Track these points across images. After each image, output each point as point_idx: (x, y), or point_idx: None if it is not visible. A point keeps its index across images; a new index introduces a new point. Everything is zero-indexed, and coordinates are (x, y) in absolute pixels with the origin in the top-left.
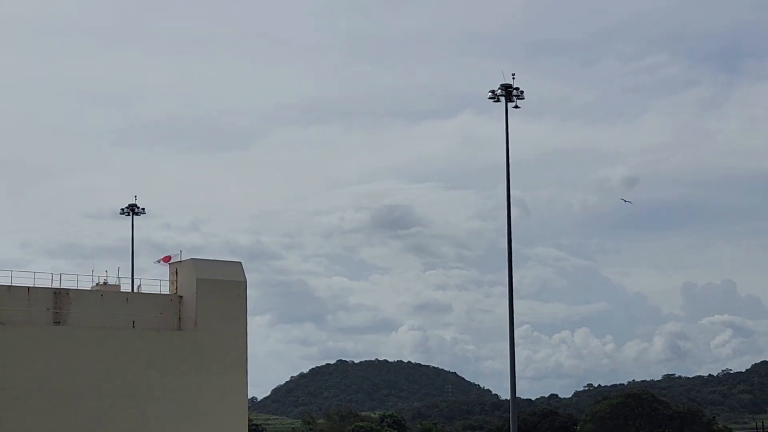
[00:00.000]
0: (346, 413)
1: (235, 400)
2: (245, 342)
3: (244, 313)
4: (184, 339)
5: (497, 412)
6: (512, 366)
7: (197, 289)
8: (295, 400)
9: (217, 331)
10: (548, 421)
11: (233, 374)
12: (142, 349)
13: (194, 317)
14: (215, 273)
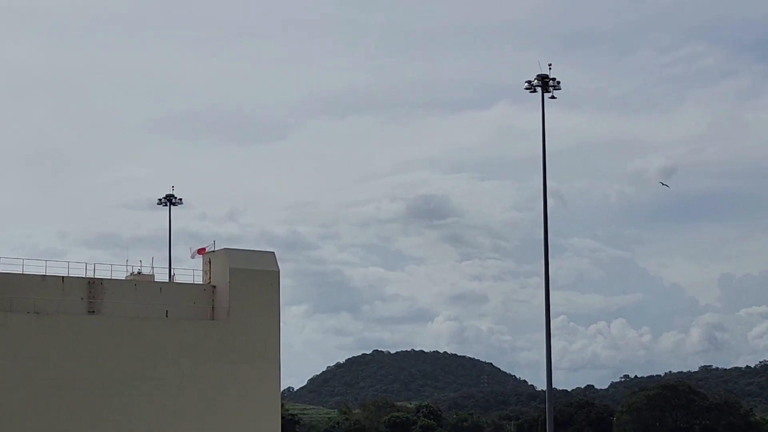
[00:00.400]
0: (382, 403)
1: (268, 389)
2: (278, 332)
3: (277, 303)
4: (217, 329)
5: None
6: (548, 357)
7: (230, 279)
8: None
9: (250, 320)
10: (584, 412)
11: (266, 364)
12: (175, 338)
13: (227, 307)
14: (248, 263)
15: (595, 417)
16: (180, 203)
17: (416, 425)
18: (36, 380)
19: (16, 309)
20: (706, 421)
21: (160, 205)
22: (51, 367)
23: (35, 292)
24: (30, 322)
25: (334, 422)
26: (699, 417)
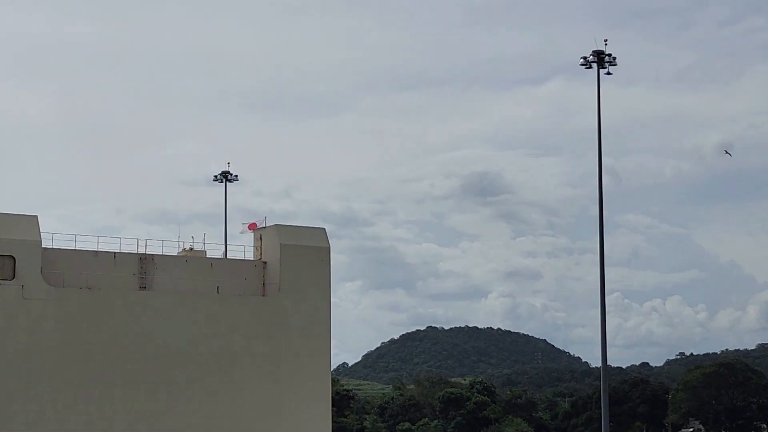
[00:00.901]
0: (436, 379)
1: (319, 365)
2: (329, 307)
3: (328, 279)
4: (267, 305)
5: (587, 379)
6: (603, 334)
7: (281, 255)
8: (385, 365)
9: (301, 296)
10: (639, 389)
11: (317, 340)
12: (226, 314)
13: (278, 283)
14: (299, 239)
15: (650, 394)
16: (236, 179)
17: (470, 401)
18: (89, 355)
19: (68, 284)
20: (762, 400)
21: (216, 182)
22: (103, 341)
23: (88, 268)
24: (82, 297)
25: (388, 398)
26: (755, 395)
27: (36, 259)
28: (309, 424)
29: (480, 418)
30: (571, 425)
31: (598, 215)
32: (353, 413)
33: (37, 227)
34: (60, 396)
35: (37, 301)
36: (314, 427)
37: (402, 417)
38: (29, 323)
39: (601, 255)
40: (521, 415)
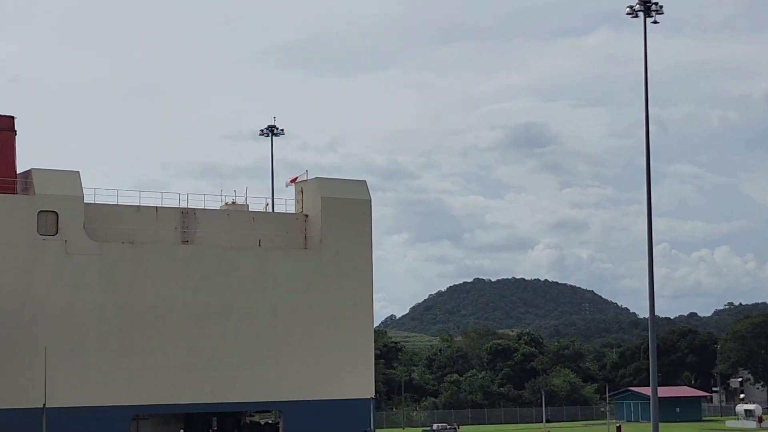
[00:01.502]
0: (484, 331)
1: (361, 317)
2: (370, 260)
3: (369, 231)
4: (309, 258)
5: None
6: (651, 284)
7: (322, 208)
8: (432, 317)
9: (343, 249)
10: (687, 339)
11: (359, 292)
12: (268, 268)
13: (319, 236)
14: (340, 192)
15: (698, 344)
16: (282, 134)
17: (518, 352)
18: (131, 309)
19: (111, 239)
20: None
21: (262, 136)
22: (146, 296)
23: (130, 223)
24: (125, 251)
25: (436, 350)
26: None
27: (78, 214)
28: (352, 378)
29: (528, 369)
30: (619, 376)
31: (645, 166)
32: (401, 365)
33: (79, 183)
34: (104, 350)
35: (80, 256)
36: (357, 381)
37: (450, 368)
38: (73, 278)
39: (648, 205)
40: (569, 365)
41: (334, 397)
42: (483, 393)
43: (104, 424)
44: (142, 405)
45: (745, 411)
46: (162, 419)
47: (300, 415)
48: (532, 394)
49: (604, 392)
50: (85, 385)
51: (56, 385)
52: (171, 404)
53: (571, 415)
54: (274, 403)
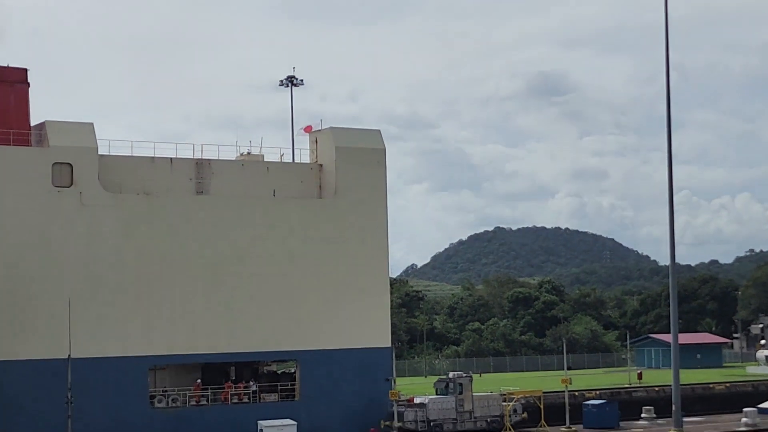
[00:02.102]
0: (505, 279)
1: (377, 267)
2: (385, 209)
3: (384, 181)
4: (324, 207)
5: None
6: (672, 232)
7: (336, 157)
8: (454, 266)
9: (357, 199)
10: (708, 286)
11: (374, 241)
12: (283, 217)
13: (334, 185)
14: (354, 141)
15: (719, 291)
16: (301, 84)
17: (539, 301)
18: (147, 259)
19: (126, 190)
20: None
21: (282, 86)
22: (162, 246)
23: (144, 174)
24: (139, 202)
25: (457, 298)
26: None
27: (93, 165)
28: (368, 327)
29: (549, 317)
30: (640, 323)
31: (666, 113)
32: (423, 314)
33: (93, 134)
34: (120, 301)
35: (95, 207)
36: (373, 330)
37: (471, 317)
38: (88, 229)
39: (669, 153)
40: (590, 313)
41: (350, 346)
42: (504, 341)
43: (121, 375)
44: (159, 355)
45: (766, 357)
46: (179, 369)
47: (316, 364)
48: (553, 342)
49: (625, 339)
50: (102, 335)
51: (73, 336)
52: (188, 354)
53: (592, 362)
54: (290, 352)
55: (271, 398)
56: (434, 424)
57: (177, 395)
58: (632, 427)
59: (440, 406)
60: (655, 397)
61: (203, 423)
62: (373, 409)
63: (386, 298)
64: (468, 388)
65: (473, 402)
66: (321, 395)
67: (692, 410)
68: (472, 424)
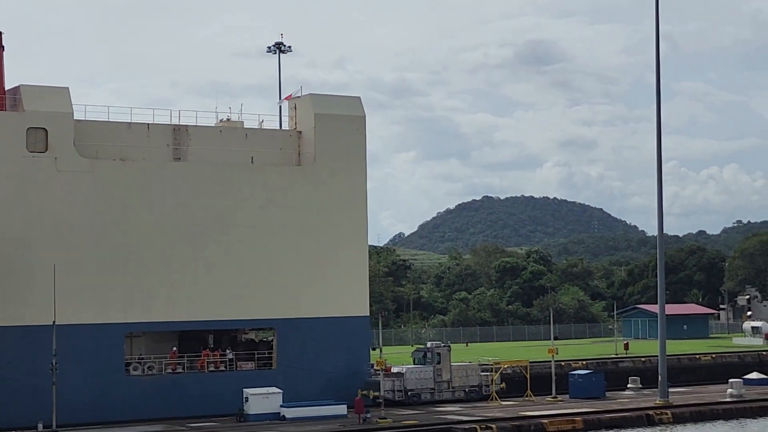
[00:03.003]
0: (492, 249)
1: (356, 235)
2: (365, 177)
3: (363, 148)
4: (303, 174)
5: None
6: (660, 202)
7: (315, 124)
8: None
9: (337, 166)
10: (696, 257)
11: (353, 209)
12: (261, 184)
13: (313, 152)
14: (333, 108)
15: (706, 262)
16: (289, 51)
17: (526, 270)
18: (124, 226)
19: (102, 156)
20: None
21: (270, 53)
22: (138, 213)
23: (121, 140)
24: (116, 168)
25: (444, 267)
26: None
27: (68, 130)
28: (346, 296)
29: (536, 287)
30: (627, 293)
31: (655, 83)
32: (410, 283)
33: (69, 99)
34: (97, 267)
35: (70, 173)
36: (352, 299)
37: (458, 286)
38: (63, 195)
39: (658, 123)
40: (577, 283)
41: (328, 314)
42: (491, 311)
43: (98, 342)
44: (135, 322)
45: (752, 328)
46: (156, 337)
47: (293, 332)
48: (540, 312)
49: (612, 310)
50: (79, 302)
51: (50, 302)
52: (165, 322)
53: (579, 332)
54: (268, 320)
55: (248, 366)
56: (412, 394)
57: (153, 363)
58: (618, 398)
59: (418, 375)
60: (641, 368)
61: (178, 391)
62: (351, 378)
63: (365, 267)
64: (446, 358)
65: (451, 372)
66: (298, 364)
67: (678, 381)
68: (450, 394)
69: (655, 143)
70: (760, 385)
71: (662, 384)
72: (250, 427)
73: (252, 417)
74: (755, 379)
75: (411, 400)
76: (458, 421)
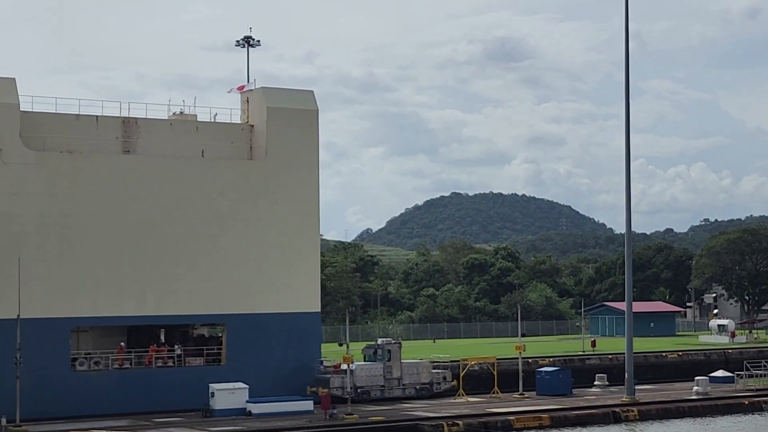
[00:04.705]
0: (461, 245)
1: (308, 231)
2: (317, 172)
3: (316, 143)
4: (254, 168)
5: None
6: (628, 200)
7: (267, 118)
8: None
9: (289, 160)
10: (663, 255)
11: (305, 204)
12: (212, 178)
13: (265, 146)
14: (286, 102)
15: (673, 260)
16: (258, 45)
17: (494, 267)
18: (72, 219)
19: (49, 148)
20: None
21: (238, 47)
22: (87, 206)
23: (69, 132)
24: (63, 160)
25: (412, 263)
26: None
27: (14, 122)
28: (297, 291)
29: (504, 284)
30: (595, 290)
31: (624, 80)
32: (377, 279)
33: (15, 90)
34: (42, 261)
35: (16, 165)
36: (303, 294)
37: (426, 282)
38: (11, 187)
39: (627, 120)
40: (545, 280)
41: (279, 310)
42: (459, 307)
43: (43, 337)
44: (82, 317)
45: (719, 326)
46: (103, 332)
47: (243, 328)
48: (508, 309)
49: (579, 307)
50: (24, 296)
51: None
52: (112, 316)
53: (546, 329)
54: (218, 315)
55: (197, 362)
56: (361, 391)
57: (99, 358)
58: (585, 395)
59: (368, 372)
60: (608, 365)
61: (125, 386)
62: (301, 374)
63: (317, 263)
64: (396, 356)
65: (402, 369)
66: (248, 360)
67: (645, 378)
68: (401, 391)
69: (624, 140)
70: (725, 382)
71: (629, 381)
72: (216, 422)
73: (217, 412)
74: (721, 376)
75: (360, 397)
76: (425, 418)
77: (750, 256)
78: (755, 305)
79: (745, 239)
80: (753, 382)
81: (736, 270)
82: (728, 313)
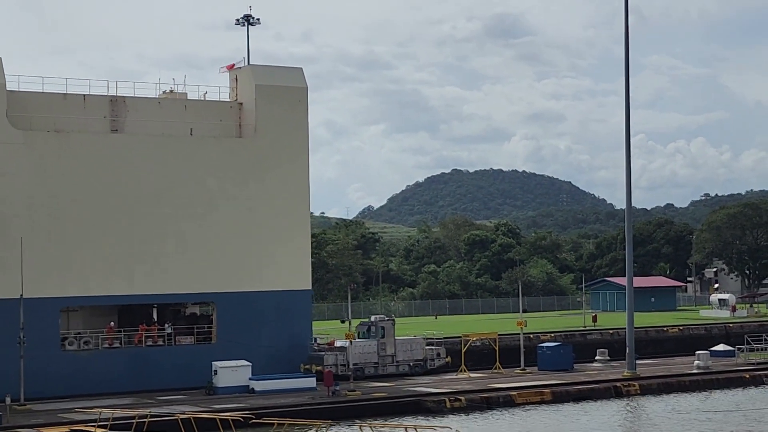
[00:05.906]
0: (461, 222)
1: (297, 208)
2: (306, 149)
3: (305, 120)
4: (243, 146)
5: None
6: (628, 175)
7: (256, 96)
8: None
9: (278, 138)
10: (663, 230)
11: (294, 182)
12: (201, 156)
13: (254, 124)
14: (275, 79)
15: (674, 235)
16: (257, 23)
17: (495, 243)
18: (59, 198)
19: (36, 128)
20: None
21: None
22: (75, 185)
23: (56, 111)
24: (50, 140)
25: (413, 240)
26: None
27: (1, 101)
28: (287, 269)
29: (505, 260)
30: (596, 266)
31: (624, 56)
32: (379, 256)
33: (1, 69)
34: (31, 241)
35: (4, 144)
36: (293, 273)
37: (427, 259)
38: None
39: (626, 96)
40: (546, 256)
41: (269, 288)
42: (460, 283)
43: (33, 317)
44: (72, 297)
45: (719, 300)
46: (93, 311)
47: (233, 306)
48: (509, 285)
49: (580, 282)
50: (13, 276)
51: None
52: (102, 296)
53: (547, 305)
54: (207, 294)
55: (187, 341)
56: (355, 368)
57: (89, 338)
58: (586, 370)
59: (361, 349)
60: (609, 340)
61: (115, 366)
62: (292, 352)
63: (307, 240)
64: (390, 332)
65: (396, 346)
66: (238, 338)
67: (646, 353)
68: (395, 368)
69: (623, 116)
70: (726, 356)
71: (630, 356)
72: (219, 399)
73: (221, 390)
74: (722, 351)
75: (354, 374)
76: (427, 393)
77: (750, 231)
78: (756, 279)
79: (745, 214)
80: (754, 355)
81: (737, 244)
82: (729, 287)
